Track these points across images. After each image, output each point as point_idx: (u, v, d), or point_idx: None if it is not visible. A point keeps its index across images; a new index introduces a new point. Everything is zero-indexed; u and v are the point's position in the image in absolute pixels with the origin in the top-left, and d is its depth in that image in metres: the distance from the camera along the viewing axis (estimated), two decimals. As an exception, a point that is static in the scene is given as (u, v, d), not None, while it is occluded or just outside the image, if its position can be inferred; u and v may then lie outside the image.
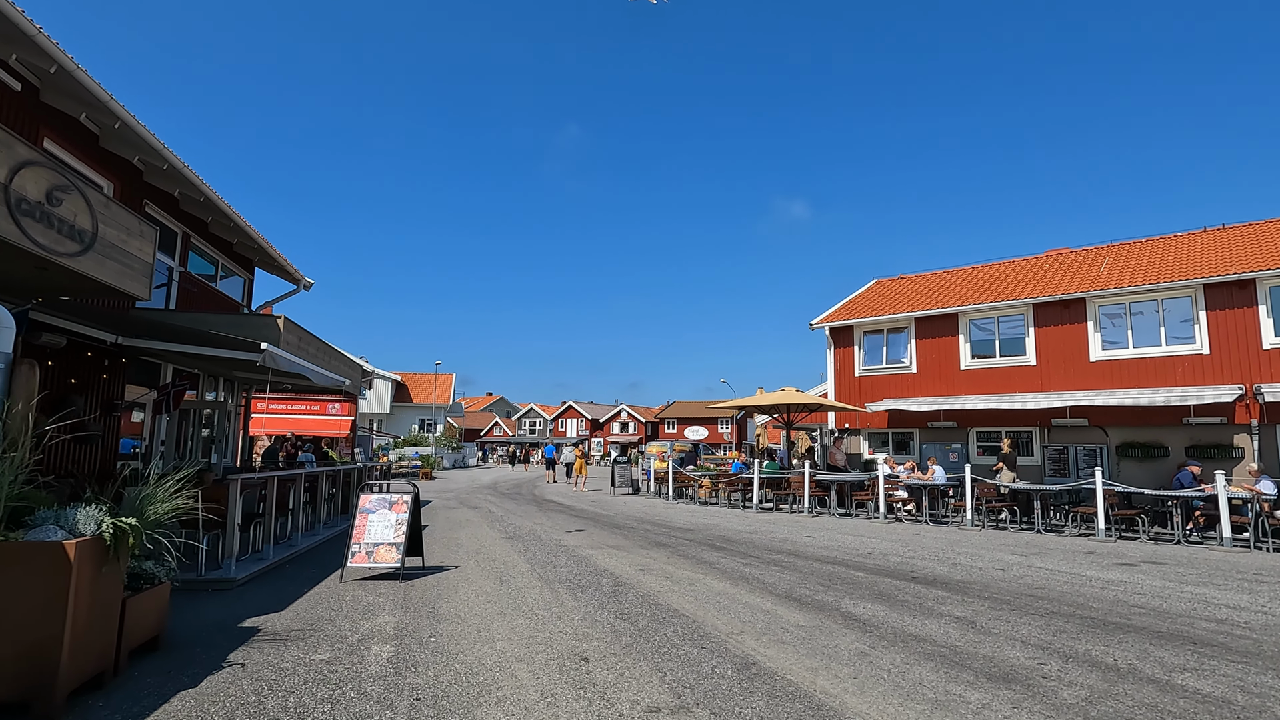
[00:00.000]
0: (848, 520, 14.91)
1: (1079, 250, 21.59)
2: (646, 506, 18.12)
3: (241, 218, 13.26)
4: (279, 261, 15.95)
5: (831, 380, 21.41)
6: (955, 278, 22.41)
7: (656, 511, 16.66)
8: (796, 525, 13.70)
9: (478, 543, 10.70)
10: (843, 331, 21.37)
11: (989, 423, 18.40)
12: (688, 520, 14.59)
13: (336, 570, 7.79)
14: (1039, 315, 17.95)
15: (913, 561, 9.28)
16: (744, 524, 13.87)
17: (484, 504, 18.56)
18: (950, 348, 19.29)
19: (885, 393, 20.19)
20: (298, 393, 32.70)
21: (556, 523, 13.80)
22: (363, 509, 7.73)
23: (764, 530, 12.76)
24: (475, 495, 22.09)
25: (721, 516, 15.49)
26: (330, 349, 15.07)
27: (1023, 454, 18.04)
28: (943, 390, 19.20)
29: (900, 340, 20.46)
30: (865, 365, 20.93)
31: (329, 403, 34.83)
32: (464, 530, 12.38)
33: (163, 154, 10.08)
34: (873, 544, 11.02)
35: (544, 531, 12.25)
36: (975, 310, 18.86)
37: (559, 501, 19.71)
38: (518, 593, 6.96)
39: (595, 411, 75.93)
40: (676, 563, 8.92)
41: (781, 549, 10.33)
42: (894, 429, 20.20)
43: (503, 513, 15.94)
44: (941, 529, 13.48)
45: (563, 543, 10.73)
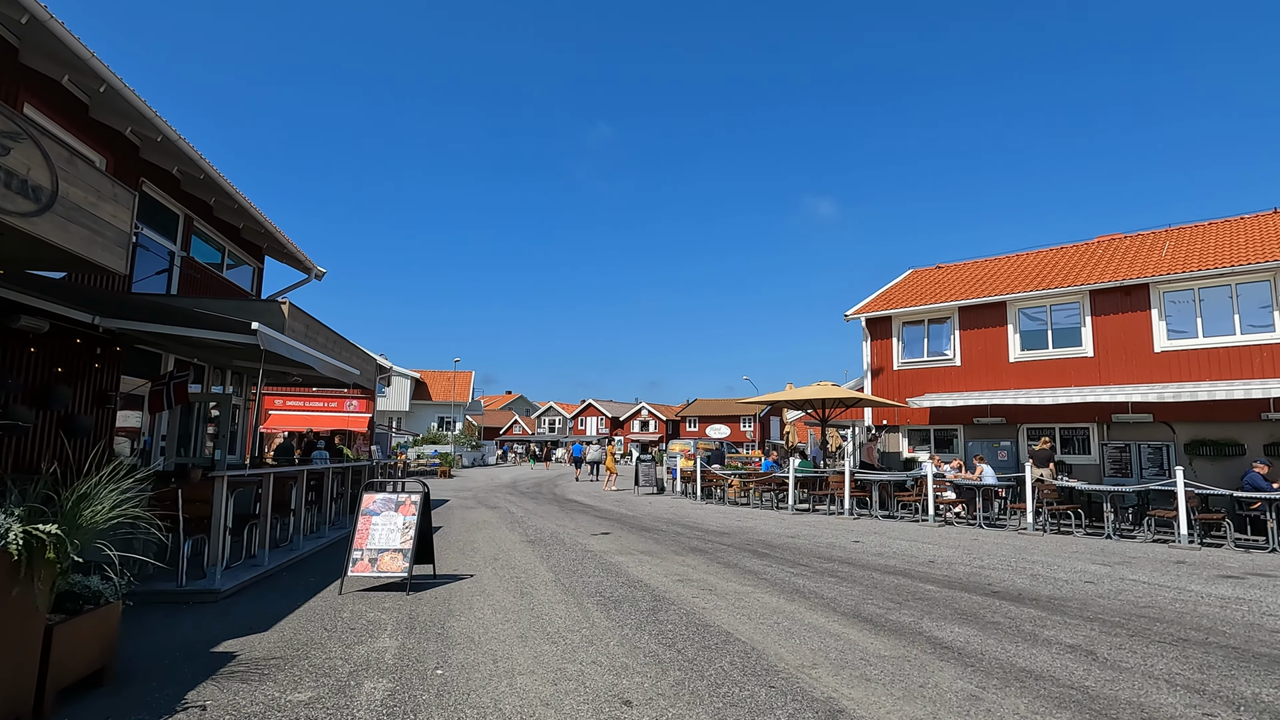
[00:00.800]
0: (893, 523, 13.81)
1: (1134, 235, 20.22)
2: (674, 507, 17.14)
3: (246, 199, 12.49)
4: (288, 248, 15.20)
5: (868, 374, 20.26)
6: (1000, 265, 21.12)
7: (685, 512, 15.67)
8: (839, 528, 12.64)
9: (496, 547, 9.79)
10: (880, 323, 20.20)
11: (1041, 419, 17.16)
12: (720, 522, 13.58)
13: (338, 579, 6.91)
14: (1096, 303, 16.67)
15: (985, 572, 8.20)
16: (782, 527, 12.84)
17: (503, 504, 17.71)
18: (998, 339, 18.06)
19: (926, 387, 19.01)
20: (312, 387, 32.22)
21: (580, 524, 12.87)
22: (366, 510, 6.84)
23: (805, 534, 11.72)
24: (494, 494, 21.26)
25: (756, 518, 14.46)
26: (341, 340, 14.29)
27: (1078, 452, 16.79)
28: (989, 384, 17.99)
29: (942, 331, 19.26)
30: (904, 358, 19.76)
31: (346, 399, 34.30)
32: (481, 533, 11.49)
33: (154, 123, 9.29)
34: (930, 550, 9.94)
35: (567, 534, 11.32)
36: (1025, 298, 17.62)
37: (581, 501, 18.80)
38: (541, 609, 6.02)
39: (615, 410, 75.07)
40: (718, 572, 7.93)
41: (831, 556, 9.29)
42: (936, 426, 19.01)
43: (523, 513, 15.05)
44: (1000, 533, 12.33)
45: (588, 547, 9.78)
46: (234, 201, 12.30)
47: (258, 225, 13.71)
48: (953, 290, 19.85)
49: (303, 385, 33.42)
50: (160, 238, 11.80)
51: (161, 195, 11.57)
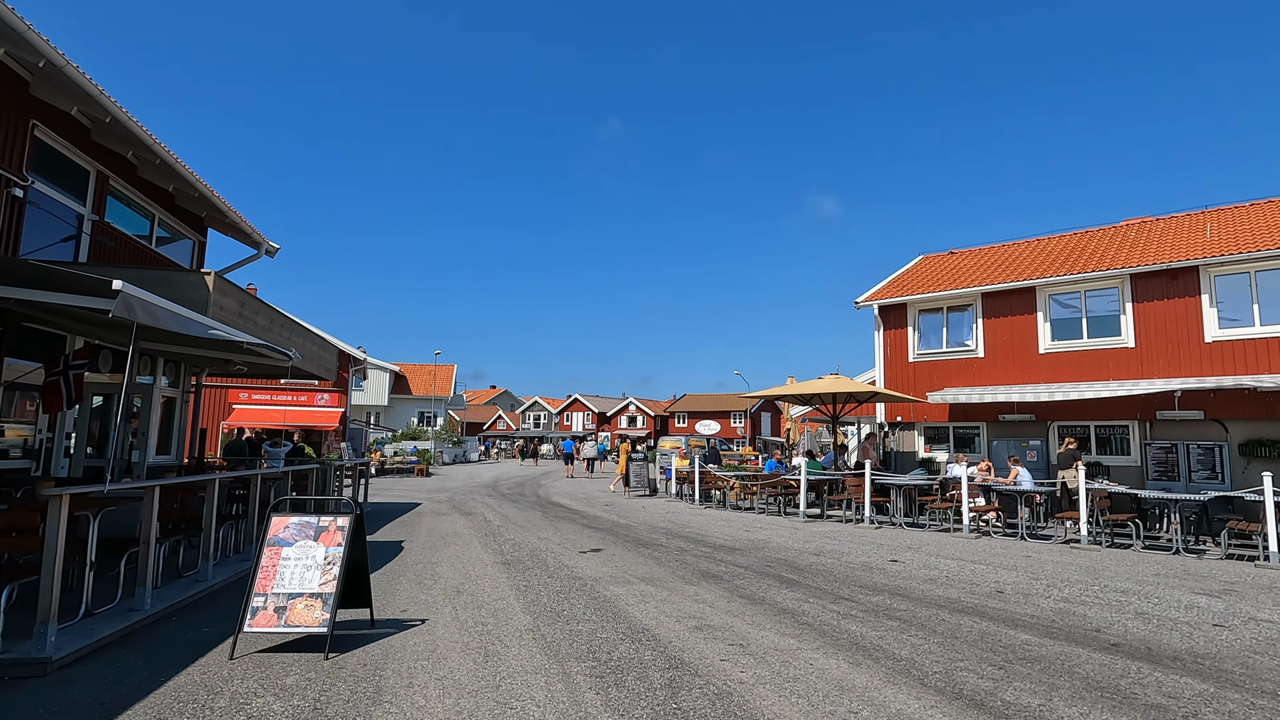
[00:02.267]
0: (922, 534, 12.15)
1: (1167, 217, 18.71)
2: (671, 513, 15.39)
3: (171, 155, 10.56)
4: (230, 218, 13.24)
5: (880, 366, 18.62)
6: (1024, 250, 19.54)
7: (684, 520, 13.93)
8: (865, 542, 10.95)
9: (462, 572, 7.98)
10: (894, 310, 18.56)
11: (1075, 416, 15.60)
12: (726, 533, 11.86)
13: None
14: (1138, 288, 15.10)
15: (1075, 609, 6.52)
16: (799, 539, 11.14)
17: (480, 509, 15.88)
18: (1026, 328, 16.47)
19: (945, 381, 17.40)
20: (280, 379, 30.12)
21: (566, 536, 11.09)
22: (274, 540, 5.02)
23: (830, 550, 10.01)
24: (472, 497, 19.41)
25: (765, 528, 12.75)
26: (291, 323, 12.39)
27: (1116, 452, 15.24)
28: (1016, 377, 16.40)
29: (963, 320, 17.65)
30: (921, 349, 18.13)
31: (317, 394, 32.25)
32: (448, 550, 9.67)
33: (29, 40, 7.34)
34: (987, 573, 8.27)
35: (551, 551, 9.53)
36: (1057, 283, 16.02)
37: (567, 506, 17.00)
38: (510, 684, 4.24)
39: (602, 405, 73.25)
40: (744, 612, 6.18)
41: (874, 583, 7.58)
42: (956, 423, 17.41)
43: (501, 522, 13.24)
44: (1050, 547, 10.70)
45: (576, 572, 8.00)
46: (155, 156, 10.36)
47: (190, 189, 11.76)
48: (974, 275, 18.24)
49: (268, 378, 31.35)
50: (64, 196, 9.84)
51: (63, 145, 9.62)
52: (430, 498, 19.10)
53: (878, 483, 13.78)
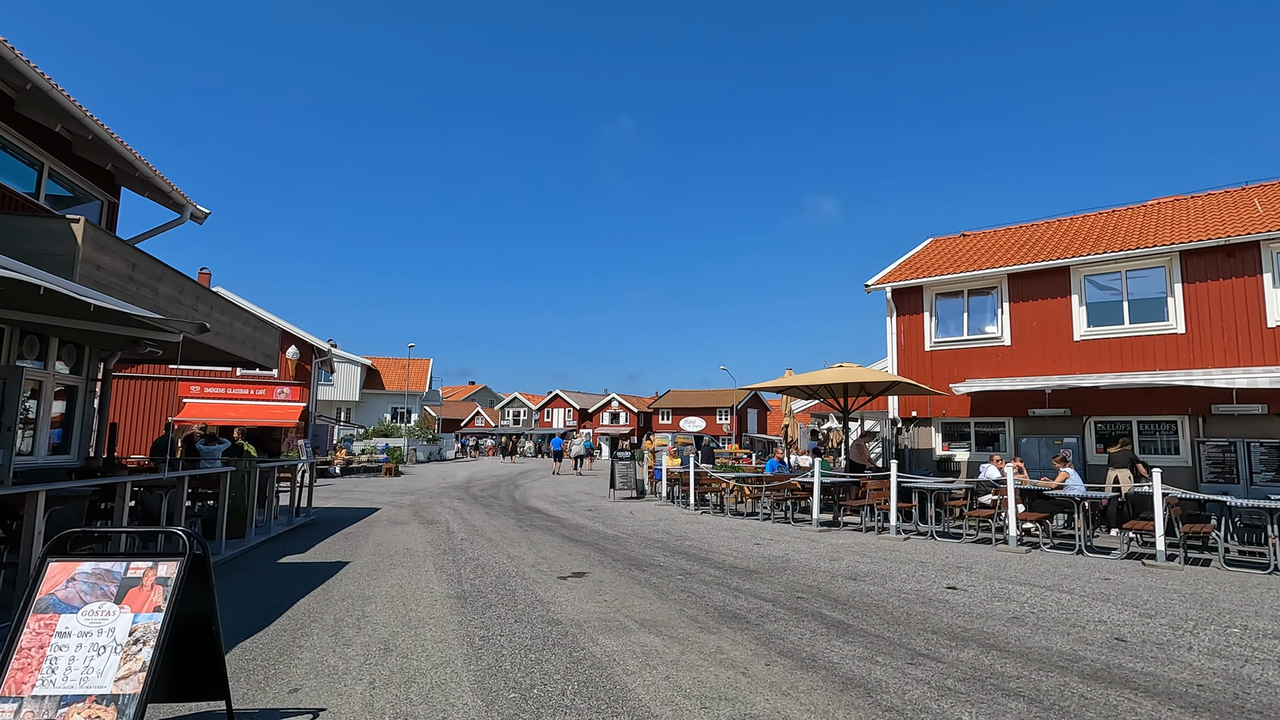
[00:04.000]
0: (961, 548, 10.39)
1: (1204, 194, 17.17)
2: (664, 520, 13.51)
3: (49, 80, 8.44)
4: (141, 171, 11.12)
5: (893, 355, 16.88)
6: (1050, 230, 17.90)
7: (681, 529, 12.05)
8: (901, 559, 9.15)
9: (401, 613, 6.02)
10: (908, 294, 16.82)
11: (1115, 410, 13.96)
12: (733, 546, 10.00)
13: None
14: (1189, 267, 13.48)
15: (1243, 670, 4.73)
16: (822, 556, 9.31)
17: (445, 515, 13.87)
18: (1058, 312, 14.81)
19: (967, 371, 15.71)
20: (212, 368, 27.81)
21: (542, 554, 9.15)
22: (45, 603, 3.03)
23: (867, 571, 8.19)
24: (439, 500, 17.38)
25: (778, 539, 10.91)
26: (210, 294, 10.33)
27: (1163, 451, 13.63)
28: (1047, 367, 14.74)
29: (986, 304, 15.95)
30: (939, 336, 16.41)
31: (276, 387, 29.91)
32: (392, 575, 7.68)
33: None
34: (1077, 606, 6.48)
35: (522, 576, 7.60)
36: (1095, 263, 14.36)
37: (545, 511, 15.05)
38: None
39: (584, 401, 71.20)
40: (793, 683, 4.30)
41: (947, 627, 5.74)
42: (978, 418, 15.72)
43: (466, 533, 11.26)
44: (1124, 567, 8.96)
45: (553, 611, 6.07)
46: (24, 81, 8.22)
47: (83, 130, 9.63)
48: (997, 256, 16.56)
49: (220, 369, 28.96)
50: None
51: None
52: (392, 501, 17.03)
53: (902, 486, 11.99)
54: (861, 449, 16.74)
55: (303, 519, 12.36)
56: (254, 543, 9.33)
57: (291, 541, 10.03)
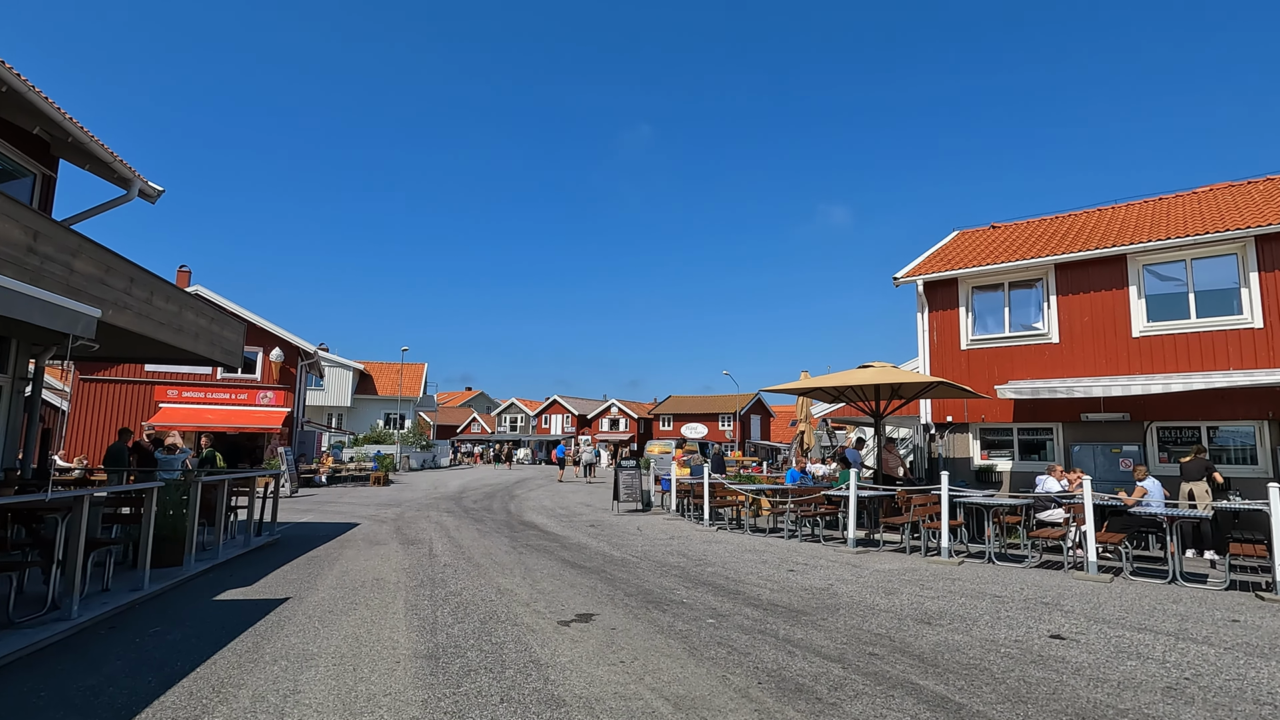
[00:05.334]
0: (1029, 575, 8.86)
1: (1263, 180, 15.73)
2: (677, 538, 11.98)
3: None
4: (74, 136, 9.61)
5: (925, 355, 15.39)
6: (1095, 220, 16.44)
7: (699, 550, 10.52)
8: (970, 592, 7.63)
9: (346, 682, 4.47)
10: (942, 288, 15.34)
11: (1182, 414, 12.46)
12: (765, 574, 8.47)
13: None
14: (1266, 253, 12.02)
15: None
16: (873, 588, 7.78)
17: (430, 532, 12.31)
18: (1113, 306, 13.33)
19: (1008, 372, 14.22)
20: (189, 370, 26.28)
21: (539, 586, 7.61)
22: None
23: (937, 610, 6.66)
24: (426, 514, 15.81)
25: (814, 565, 9.38)
26: (147, 276, 8.81)
27: (1237, 461, 12.13)
28: (1101, 367, 13.26)
29: (1030, 298, 14.47)
30: (976, 334, 14.92)
31: (259, 391, 28.32)
32: (349, 619, 6.13)
33: None
34: (1233, 664, 4.97)
35: (513, 622, 6.06)
36: (1156, 250, 12.89)
37: (544, 528, 13.51)
38: None
39: (582, 407, 69.59)
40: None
41: (1096, 710, 4.22)
42: (1021, 423, 14.22)
43: (451, 556, 9.70)
44: (1245, 603, 7.44)
45: (553, 683, 4.53)
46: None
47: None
48: (1040, 245, 15.09)
49: (199, 372, 27.38)
50: None
51: None
52: (375, 515, 15.47)
53: (953, 500, 10.47)
54: (890, 458, 15.24)
55: (266, 538, 10.80)
56: (192, 572, 7.78)
57: (242, 569, 8.48)
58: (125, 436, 13.25)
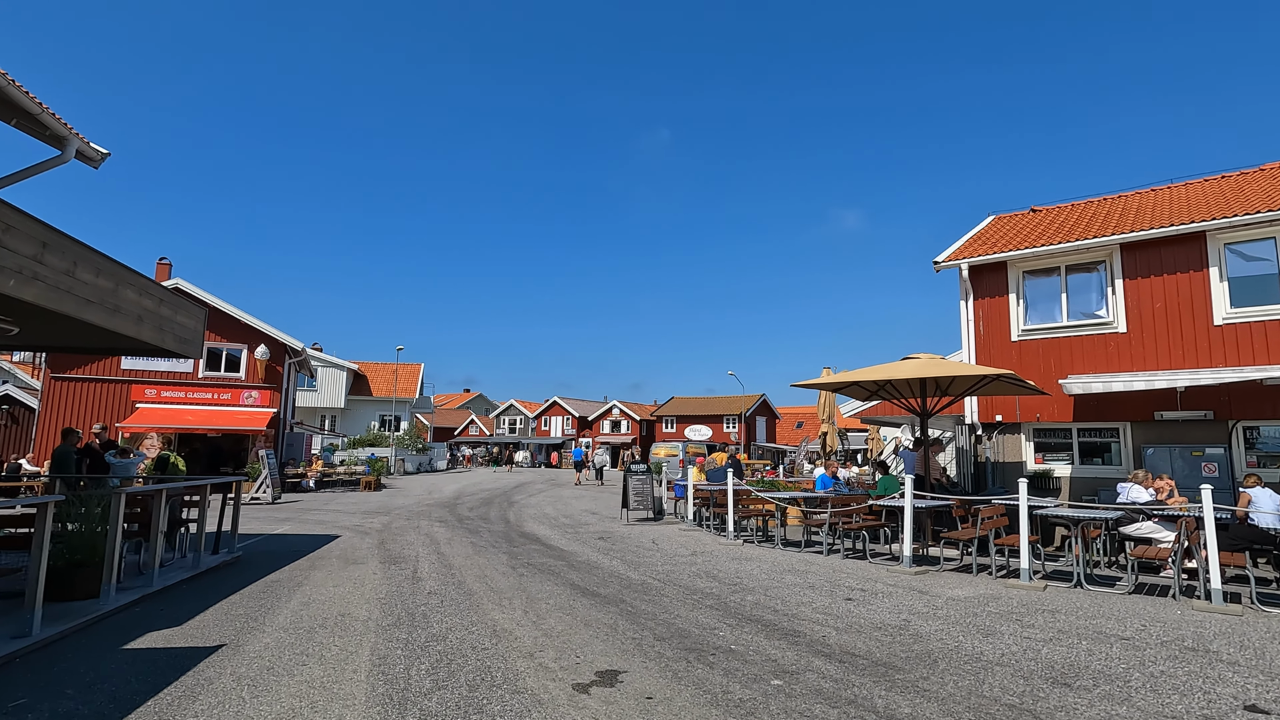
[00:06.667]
0: (1137, 604, 7.32)
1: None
2: (700, 555, 10.43)
3: None
4: (12, 98, 8.06)
5: (970, 346, 13.86)
6: (1164, 197, 14.94)
7: (731, 571, 8.97)
8: (1087, 632, 6.08)
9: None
10: (989, 272, 13.81)
11: (1274, 411, 10.95)
12: (821, 606, 6.93)
13: None
14: (1376, 227, 10.51)
15: None
16: (962, 625, 6.24)
17: (417, 547, 10.76)
18: (1190, 290, 11.81)
19: (1067, 365, 12.70)
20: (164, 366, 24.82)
21: (544, 622, 6.07)
22: None
23: (1065, 662, 5.13)
24: (416, 524, 14.25)
25: (875, 592, 7.83)
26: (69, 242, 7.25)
27: (1342, 465, 10.60)
28: (1177, 359, 11.73)
29: (1091, 283, 12.95)
30: (1029, 323, 13.39)
31: (243, 391, 26.73)
32: (289, 684, 4.58)
33: None
34: None
35: (511, 686, 4.51)
36: (1239, 226, 11.37)
37: (546, 541, 11.96)
38: None
39: (583, 409, 68.00)
40: None
41: None
42: (1082, 423, 12.68)
43: (438, 579, 8.15)
44: None
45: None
46: None
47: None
48: (1098, 224, 13.58)
49: (178, 370, 25.84)
50: None
51: None
52: (359, 526, 13.92)
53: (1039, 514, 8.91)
54: (929, 462, 13.71)
55: (223, 556, 9.25)
56: (110, 607, 6.22)
57: (178, 601, 6.92)
58: (71, 438, 11.68)
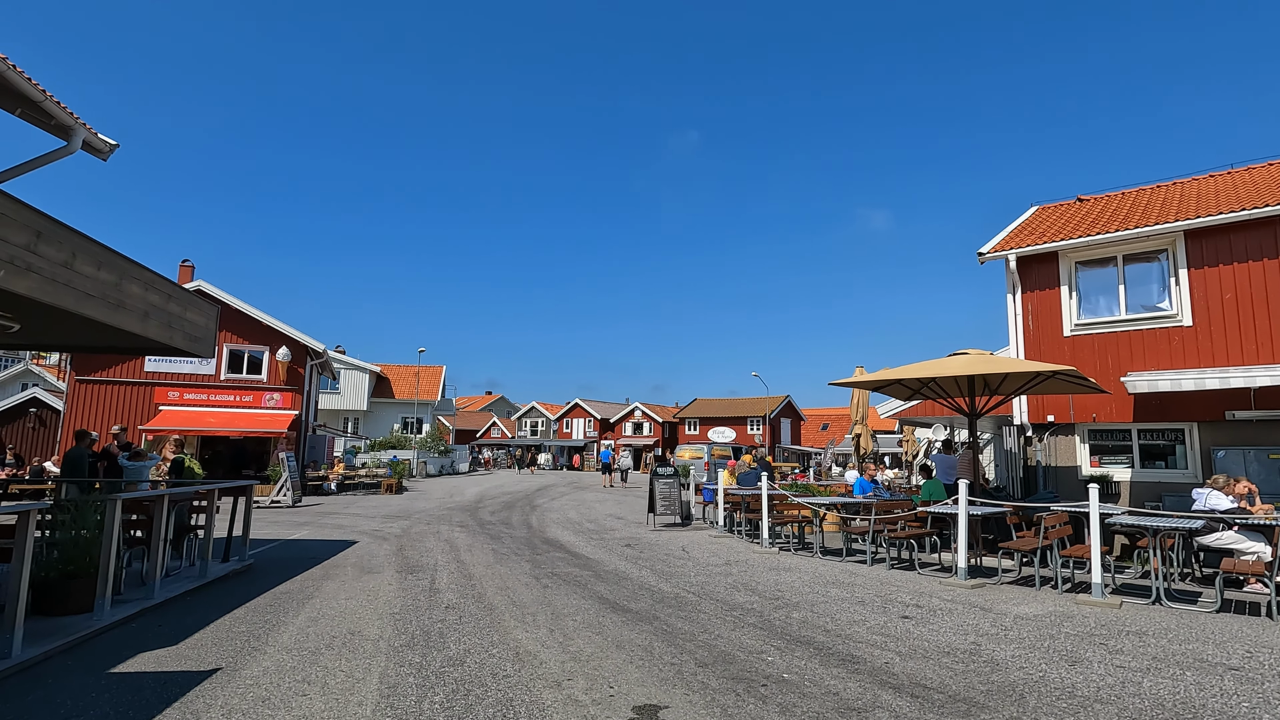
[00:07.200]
0: (1228, 624, 6.54)
1: None
2: (735, 564, 9.79)
3: None
4: (14, 84, 7.70)
5: (1018, 342, 13.05)
6: (1226, 183, 14.02)
7: (769, 584, 8.32)
8: (1189, 659, 5.34)
9: None
10: (1038, 263, 12.99)
11: (1364, 411, 10.04)
12: (876, 625, 6.26)
13: None
14: None
15: None
16: (1042, 650, 5.53)
17: (436, 554, 10.26)
18: (1265, 279, 10.92)
19: (1127, 361, 11.86)
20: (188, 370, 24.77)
21: (571, 644, 5.49)
22: None
23: (1175, 699, 4.41)
24: (437, 528, 13.78)
25: (933, 609, 7.14)
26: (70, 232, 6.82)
27: None
28: (1251, 354, 10.85)
29: (1151, 273, 12.09)
30: (1083, 316, 12.56)
31: (265, 393, 26.59)
32: (292, 710, 4.04)
33: None
34: None
35: None
36: (1321, 209, 10.48)
37: (571, 549, 11.40)
38: None
39: (605, 411, 67.51)
40: None
41: None
42: (1144, 423, 11.83)
43: (457, 591, 7.61)
44: None
45: None
46: None
47: None
48: (1156, 211, 12.71)
49: (200, 375, 25.76)
50: None
51: None
52: (378, 531, 13.47)
53: (1114, 525, 8.14)
54: (970, 465, 12.93)
55: (234, 564, 8.81)
56: (105, 623, 5.76)
57: (179, 615, 6.45)
58: (84, 440, 11.38)
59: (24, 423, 29.55)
